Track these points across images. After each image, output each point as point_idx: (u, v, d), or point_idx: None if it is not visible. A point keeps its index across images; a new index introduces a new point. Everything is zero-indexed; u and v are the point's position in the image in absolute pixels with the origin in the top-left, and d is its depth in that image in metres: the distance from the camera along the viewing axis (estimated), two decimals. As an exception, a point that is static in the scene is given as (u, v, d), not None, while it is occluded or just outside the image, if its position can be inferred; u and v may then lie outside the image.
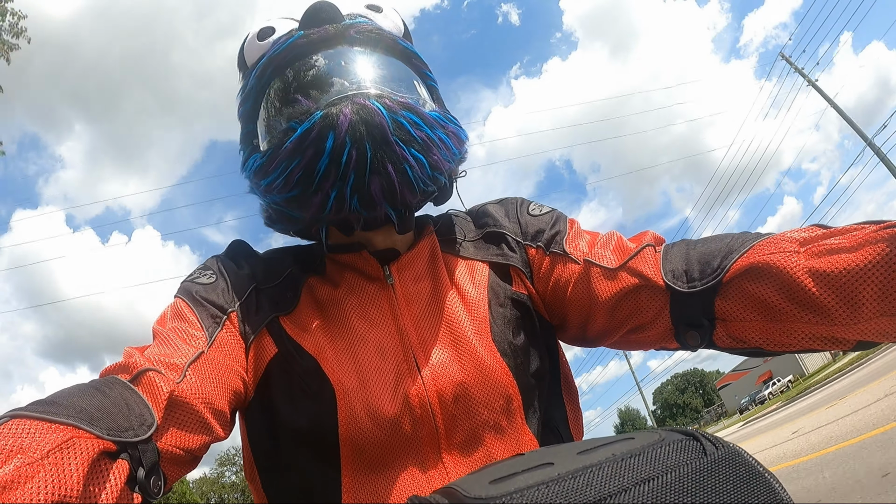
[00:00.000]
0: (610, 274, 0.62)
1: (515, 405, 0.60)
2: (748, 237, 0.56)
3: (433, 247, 0.70)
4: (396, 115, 0.58)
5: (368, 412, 0.56)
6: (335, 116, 0.57)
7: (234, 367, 0.58)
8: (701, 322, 0.56)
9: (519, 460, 0.33)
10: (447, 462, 0.56)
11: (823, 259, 0.48)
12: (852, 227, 0.49)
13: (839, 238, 0.48)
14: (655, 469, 0.29)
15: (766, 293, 0.51)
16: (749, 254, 0.53)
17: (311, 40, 0.66)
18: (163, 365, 0.51)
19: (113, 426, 0.41)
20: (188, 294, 0.63)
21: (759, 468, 0.31)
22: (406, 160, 0.58)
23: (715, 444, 0.31)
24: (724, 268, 0.54)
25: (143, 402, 0.46)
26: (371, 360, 0.59)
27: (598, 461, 0.30)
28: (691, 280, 0.56)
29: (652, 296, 0.59)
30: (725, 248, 0.55)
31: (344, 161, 0.56)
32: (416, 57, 0.72)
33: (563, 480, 0.29)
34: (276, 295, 0.65)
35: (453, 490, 0.31)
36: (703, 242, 0.59)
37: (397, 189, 0.59)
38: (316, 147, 0.57)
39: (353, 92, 0.60)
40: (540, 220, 0.73)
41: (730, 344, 0.56)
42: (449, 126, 0.66)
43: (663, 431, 0.33)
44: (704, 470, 0.30)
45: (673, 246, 0.61)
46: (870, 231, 0.46)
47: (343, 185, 0.58)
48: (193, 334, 0.57)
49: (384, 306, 0.64)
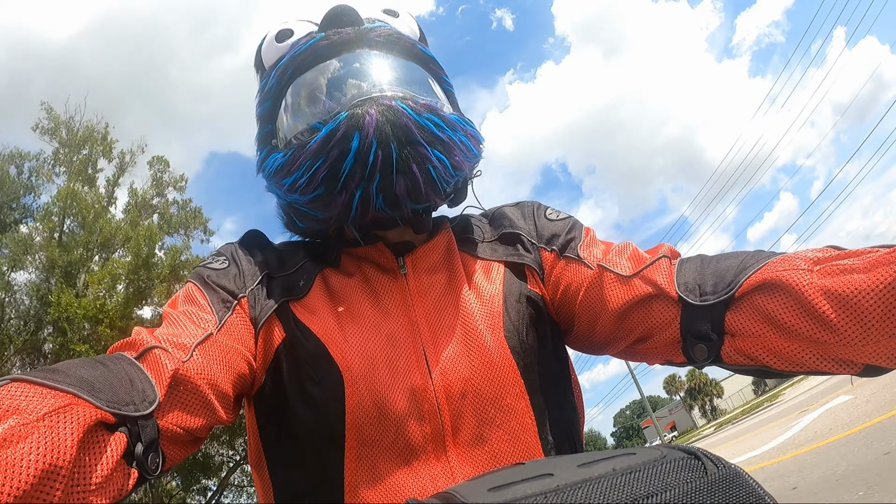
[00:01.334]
0: (623, 281, 0.62)
1: (523, 404, 0.59)
2: (762, 255, 0.56)
3: (449, 241, 0.71)
4: (420, 117, 0.59)
5: (375, 401, 0.56)
6: (361, 117, 0.57)
7: (242, 352, 0.58)
8: (709, 336, 0.56)
9: (518, 469, 0.33)
10: (451, 457, 0.56)
11: (837, 279, 0.48)
12: (866, 250, 0.49)
13: (853, 259, 0.48)
14: (655, 486, 0.29)
15: (778, 310, 0.51)
16: (762, 270, 0.53)
17: (332, 42, 0.67)
18: (170, 344, 0.51)
19: (113, 398, 0.41)
20: (200, 278, 0.63)
21: (758, 490, 0.31)
22: (430, 160, 0.59)
23: (716, 463, 0.31)
24: (737, 283, 0.54)
25: (146, 377, 0.46)
26: (381, 348, 0.59)
27: (598, 475, 0.30)
28: (704, 294, 0.56)
29: (663, 306, 0.59)
30: (740, 265, 0.55)
31: (371, 161, 0.57)
32: (433, 61, 0.73)
33: (562, 492, 0.29)
34: (288, 282, 0.65)
35: (451, 495, 0.31)
36: (718, 259, 0.59)
37: (422, 189, 0.60)
38: (342, 147, 0.58)
39: (378, 94, 0.61)
40: (556, 225, 0.73)
41: (737, 360, 0.56)
42: (468, 129, 0.67)
43: (665, 448, 0.33)
44: (704, 489, 0.30)
45: (688, 260, 0.61)
46: (884, 253, 0.46)
47: (369, 184, 0.58)
48: (203, 317, 0.58)
49: (397, 297, 0.64)
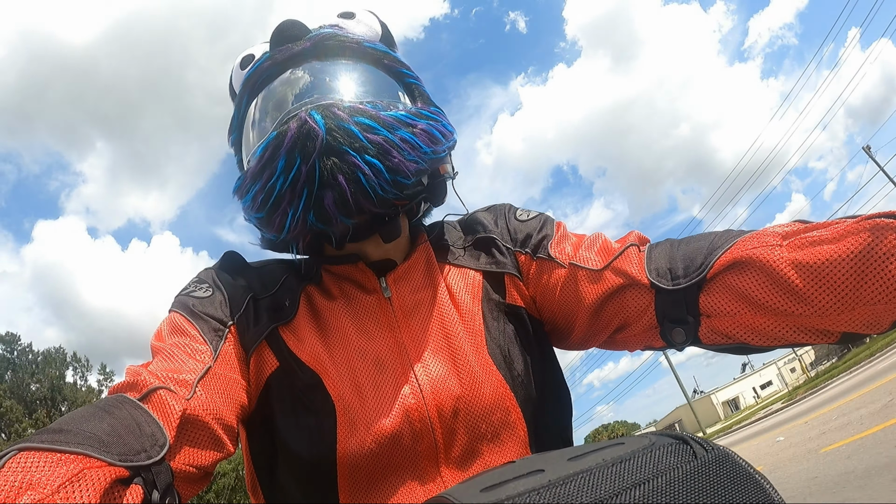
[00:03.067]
0: (595, 276, 0.62)
1: (514, 417, 0.59)
2: (731, 234, 0.56)
3: (428, 256, 0.70)
4: (344, 123, 0.57)
5: (368, 427, 0.55)
6: (284, 135, 0.57)
7: (239, 381, 0.57)
8: (686, 319, 0.56)
9: (510, 468, 0.33)
10: (445, 476, 0.56)
11: (806, 251, 0.49)
12: (833, 221, 0.50)
13: (821, 231, 0.49)
14: (646, 473, 0.29)
15: (751, 287, 0.52)
16: (732, 249, 0.53)
17: (275, 61, 0.66)
18: (172, 381, 0.49)
19: (124, 450, 0.39)
20: (185, 308, 0.61)
21: (749, 470, 0.31)
22: (359, 168, 0.56)
23: (705, 447, 0.31)
24: (707, 264, 0.54)
25: (153, 421, 0.45)
26: (369, 374, 0.58)
27: (588, 467, 0.30)
28: (675, 277, 0.56)
29: (637, 294, 0.59)
30: (709, 246, 0.56)
31: (292, 178, 0.56)
32: (389, 56, 0.70)
33: (554, 487, 0.29)
34: (273, 304, 0.64)
35: (444, 498, 0.31)
36: (687, 241, 0.59)
37: (350, 199, 0.57)
38: (271, 168, 0.58)
39: (304, 107, 0.59)
40: (527, 226, 0.73)
41: (715, 340, 0.57)
42: (419, 124, 0.62)
43: (653, 436, 0.33)
44: (695, 473, 0.30)
45: (657, 245, 0.62)
46: (851, 223, 0.47)
47: (298, 202, 0.57)
48: (197, 348, 0.56)
49: (382, 319, 0.63)
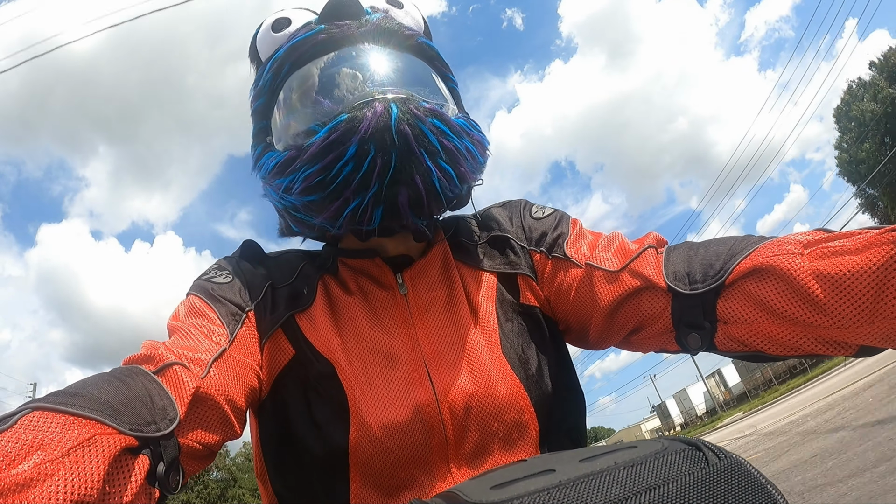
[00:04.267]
0: (612, 277, 0.62)
1: (527, 416, 0.59)
2: (751, 240, 0.55)
3: (445, 254, 0.69)
4: (423, 124, 0.55)
5: (379, 422, 0.55)
6: (360, 121, 0.54)
7: (252, 366, 0.57)
8: (702, 324, 0.56)
9: (521, 466, 0.33)
10: (455, 472, 0.56)
11: (828, 261, 0.47)
12: (856, 231, 0.48)
13: (843, 241, 0.48)
14: (658, 478, 0.29)
15: (769, 295, 0.51)
16: (752, 256, 0.52)
17: (331, 36, 0.63)
18: (187, 359, 0.50)
19: (135, 420, 0.40)
20: (204, 291, 0.61)
21: (761, 479, 0.31)
22: (434, 171, 0.56)
23: (717, 454, 0.31)
24: (726, 270, 0.53)
25: (166, 394, 0.45)
26: (382, 368, 0.58)
27: (600, 469, 0.30)
28: (693, 282, 0.56)
29: (653, 297, 0.59)
30: (728, 251, 0.55)
31: (366, 168, 0.54)
32: (438, 57, 0.69)
33: (564, 487, 0.29)
34: (292, 292, 0.64)
35: (454, 494, 0.31)
36: (706, 245, 0.58)
37: (425, 201, 0.57)
38: (338, 152, 0.55)
39: (380, 95, 0.57)
40: (543, 223, 0.72)
41: (731, 347, 0.56)
42: (474, 134, 0.63)
43: (666, 441, 0.33)
44: (707, 480, 0.30)
45: (675, 248, 0.61)
46: (874, 234, 0.46)
47: (365, 193, 0.56)
48: (214, 330, 0.56)
49: (397, 315, 0.63)
